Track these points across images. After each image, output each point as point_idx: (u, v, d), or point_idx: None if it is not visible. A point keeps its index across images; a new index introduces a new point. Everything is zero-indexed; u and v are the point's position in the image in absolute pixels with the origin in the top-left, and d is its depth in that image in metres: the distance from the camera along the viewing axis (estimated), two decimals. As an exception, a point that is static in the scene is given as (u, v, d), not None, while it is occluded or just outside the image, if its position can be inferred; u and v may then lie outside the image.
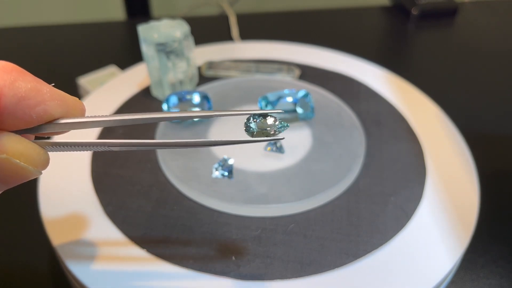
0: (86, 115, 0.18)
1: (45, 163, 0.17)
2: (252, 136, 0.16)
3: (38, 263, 0.26)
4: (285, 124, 0.16)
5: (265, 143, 0.23)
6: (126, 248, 0.20)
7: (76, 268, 0.19)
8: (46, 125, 0.16)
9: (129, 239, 0.20)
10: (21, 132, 0.16)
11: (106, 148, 0.16)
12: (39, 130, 0.16)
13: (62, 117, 0.17)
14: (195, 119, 0.26)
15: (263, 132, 0.16)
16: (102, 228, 0.21)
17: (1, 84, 0.14)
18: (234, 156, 0.24)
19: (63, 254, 0.20)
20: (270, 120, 0.16)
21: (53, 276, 0.26)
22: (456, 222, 0.22)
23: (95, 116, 0.16)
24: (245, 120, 0.16)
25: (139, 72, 0.32)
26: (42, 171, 0.16)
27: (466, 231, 0.21)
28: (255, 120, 0.16)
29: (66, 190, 0.23)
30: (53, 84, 0.16)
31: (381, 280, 0.19)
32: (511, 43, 0.50)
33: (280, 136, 0.16)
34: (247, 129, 0.16)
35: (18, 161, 0.16)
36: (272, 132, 0.16)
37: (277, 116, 0.26)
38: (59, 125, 0.16)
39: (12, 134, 0.16)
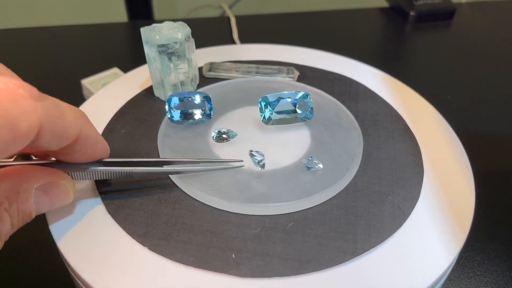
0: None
1: (74, 195, 0.21)
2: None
3: (40, 260, 0.27)
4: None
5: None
6: (128, 246, 0.20)
7: (78, 265, 0.20)
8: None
9: (131, 237, 0.21)
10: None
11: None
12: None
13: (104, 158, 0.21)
14: (198, 122, 0.26)
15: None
16: (104, 226, 0.21)
17: (79, 127, 0.18)
18: (234, 156, 0.25)
19: (65, 251, 0.20)
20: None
21: (55, 273, 0.26)
22: (452, 221, 0.22)
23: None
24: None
25: (142, 74, 0.33)
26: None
27: (462, 230, 0.22)
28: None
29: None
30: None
31: (379, 277, 0.20)
32: (507, 44, 0.51)
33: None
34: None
35: (69, 187, 0.20)
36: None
37: (278, 117, 0.26)
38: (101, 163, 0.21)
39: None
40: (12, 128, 0.13)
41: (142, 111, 0.29)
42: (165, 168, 0.22)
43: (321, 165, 0.24)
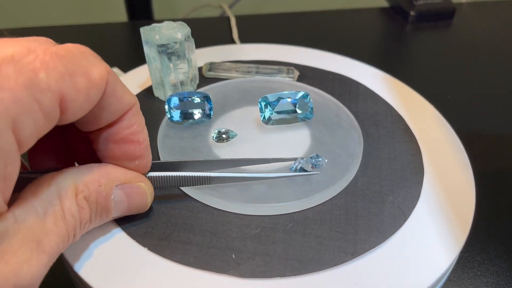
0: None
1: (151, 203, 0.21)
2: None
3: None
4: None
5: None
6: (128, 246, 0.20)
7: (78, 266, 0.20)
8: None
9: (131, 237, 0.21)
10: None
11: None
12: None
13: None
14: (198, 122, 0.26)
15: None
16: (104, 227, 0.21)
17: (135, 99, 0.19)
18: (234, 156, 0.25)
19: (65, 252, 0.20)
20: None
21: (55, 274, 0.26)
22: (453, 221, 0.22)
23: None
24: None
25: (141, 73, 0.33)
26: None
27: (463, 230, 0.22)
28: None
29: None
30: None
31: (379, 277, 0.20)
32: (507, 44, 0.51)
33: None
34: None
35: (148, 191, 0.20)
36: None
37: (278, 117, 0.27)
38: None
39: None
40: (88, 75, 0.15)
41: (142, 111, 0.29)
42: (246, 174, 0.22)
43: (325, 160, 0.24)
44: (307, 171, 0.23)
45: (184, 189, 0.23)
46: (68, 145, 0.21)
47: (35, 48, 0.14)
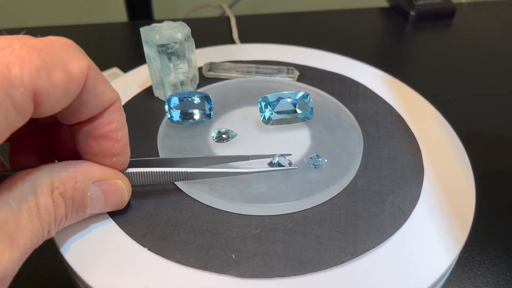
0: None
1: (128, 199, 0.21)
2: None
3: (40, 261, 0.27)
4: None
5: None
6: (128, 247, 0.20)
7: (79, 266, 0.20)
8: None
9: (131, 238, 0.21)
10: None
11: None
12: None
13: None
14: (198, 122, 0.26)
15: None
16: (104, 227, 0.21)
17: (117, 94, 0.19)
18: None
19: (65, 253, 0.20)
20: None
21: (55, 274, 0.26)
22: (453, 221, 0.22)
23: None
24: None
25: (141, 73, 0.33)
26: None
27: (463, 230, 0.22)
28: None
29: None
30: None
31: (379, 277, 0.20)
32: (507, 44, 0.51)
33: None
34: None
35: (125, 188, 0.20)
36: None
37: (278, 117, 0.27)
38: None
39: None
40: (67, 70, 0.15)
41: (142, 111, 0.29)
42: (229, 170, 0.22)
43: (325, 160, 0.24)
44: (283, 166, 0.23)
45: (184, 189, 0.23)
46: (50, 144, 0.21)
47: (11, 43, 0.14)
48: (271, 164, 0.23)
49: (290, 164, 0.23)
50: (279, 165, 0.23)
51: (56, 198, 0.17)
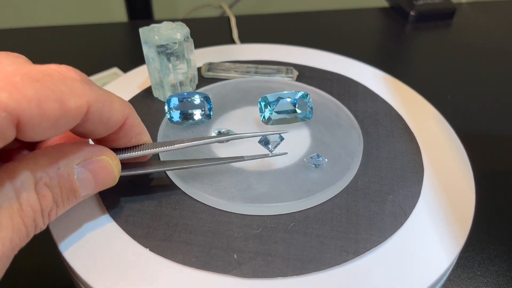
0: None
1: (119, 174, 0.20)
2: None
3: (41, 261, 0.27)
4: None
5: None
6: (129, 247, 0.20)
7: (79, 267, 0.20)
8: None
9: (132, 238, 0.21)
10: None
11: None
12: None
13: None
14: (198, 122, 0.26)
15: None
16: (105, 228, 0.21)
17: (126, 114, 0.19)
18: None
19: (66, 253, 0.20)
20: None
21: (55, 274, 0.26)
22: (453, 220, 0.22)
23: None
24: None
25: (141, 74, 0.33)
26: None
27: (463, 230, 0.22)
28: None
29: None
30: None
31: (380, 276, 0.20)
32: (508, 44, 0.51)
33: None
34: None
35: (113, 164, 0.19)
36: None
37: (278, 117, 0.26)
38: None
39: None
40: (62, 103, 0.15)
41: (142, 112, 0.29)
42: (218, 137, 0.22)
43: (326, 159, 0.24)
44: (269, 142, 0.23)
45: (185, 189, 0.23)
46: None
47: (5, 67, 0.14)
48: (260, 141, 0.24)
49: (281, 139, 0.24)
50: (266, 142, 0.23)
51: (41, 189, 0.16)
